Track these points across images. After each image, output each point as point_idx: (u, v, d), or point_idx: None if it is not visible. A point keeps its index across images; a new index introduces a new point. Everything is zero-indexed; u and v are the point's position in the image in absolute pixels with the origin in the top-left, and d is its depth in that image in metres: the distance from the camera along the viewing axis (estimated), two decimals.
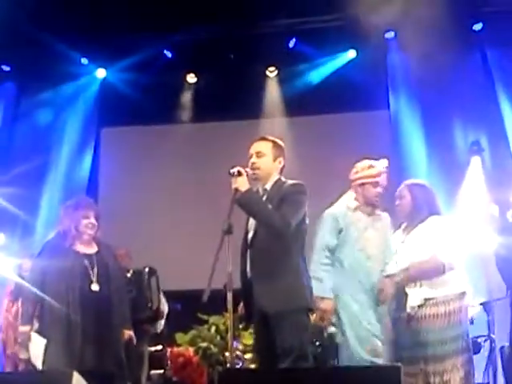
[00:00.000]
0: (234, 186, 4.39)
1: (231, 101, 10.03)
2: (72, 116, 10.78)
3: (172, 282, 8.39)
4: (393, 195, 5.24)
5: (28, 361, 6.30)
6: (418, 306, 4.82)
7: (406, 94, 9.97)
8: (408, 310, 4.85)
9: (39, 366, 5.15)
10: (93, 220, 5.21)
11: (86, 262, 5.10)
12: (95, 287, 5.03)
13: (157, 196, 10.45)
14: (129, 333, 5.28)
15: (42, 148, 10.34)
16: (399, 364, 3.28)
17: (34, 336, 5.16)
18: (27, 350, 5.30)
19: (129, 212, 10.22)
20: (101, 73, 10.91)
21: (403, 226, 5.16)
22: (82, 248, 5.19)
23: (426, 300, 4.80)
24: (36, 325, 5.22)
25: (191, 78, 10.85)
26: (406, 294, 4.88)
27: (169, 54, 10.49)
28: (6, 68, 10.47)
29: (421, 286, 4.85)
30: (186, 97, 10.85)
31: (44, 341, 5.00)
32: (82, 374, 3.53)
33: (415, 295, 4.84)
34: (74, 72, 10.61)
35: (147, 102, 10.16)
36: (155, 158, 10.52)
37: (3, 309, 7.19)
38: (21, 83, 10.66)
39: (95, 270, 5.07)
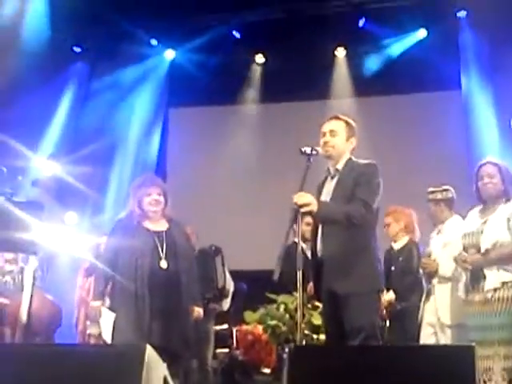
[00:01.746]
0: (304, 210, 4.19)
1: (299, 81, 9.99)
2: (141, 96, 10.94)
3: (237, 261, 8.42)
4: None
5: (98, 336, 6.45)
6: (495, 289, 4.70)
7: (478, 74, 9.76)
8: (484, 291, 4.74)
9: (109, 341, 5.24)
10: (156, 197, 5.20)
11: (155, 239, 5.10)
12: (164, 264, 5.03)
13: (224, 176, 10.51)
14: (198, 310, 5.30)
15: (112, 127, 10.51)
16: (473, 344, 3.17)
17: (105, 311, 5.26)
18: (98, 325, 5.38)
19: (196, 191, 10.30)
20: (170, 54, 11.03)
21: (480, 206, 5.02)
22: (150, 225, 5.20)
23: (503, 283, 4.68)
24: (107, 301, 5.31)
25: (259, 59, 10.85)
26: (484, 276, 4.77)
27: (237, 35, 10.50)
28: (77, 49, 10.66)
29: (498, 269, 4.72)
30: (255, 77, 10.87)
31: (113, 316, 5.07)
32: None
33: (493, 278, 4.71)
34: (143, 53, 10.77)
35: (215, 82, 10.22)
36: (223, 138, 10.57)
37: (77, 286, 7.35)
38: (92, 64, 10.86)
39: (164, 247, 5.07)
